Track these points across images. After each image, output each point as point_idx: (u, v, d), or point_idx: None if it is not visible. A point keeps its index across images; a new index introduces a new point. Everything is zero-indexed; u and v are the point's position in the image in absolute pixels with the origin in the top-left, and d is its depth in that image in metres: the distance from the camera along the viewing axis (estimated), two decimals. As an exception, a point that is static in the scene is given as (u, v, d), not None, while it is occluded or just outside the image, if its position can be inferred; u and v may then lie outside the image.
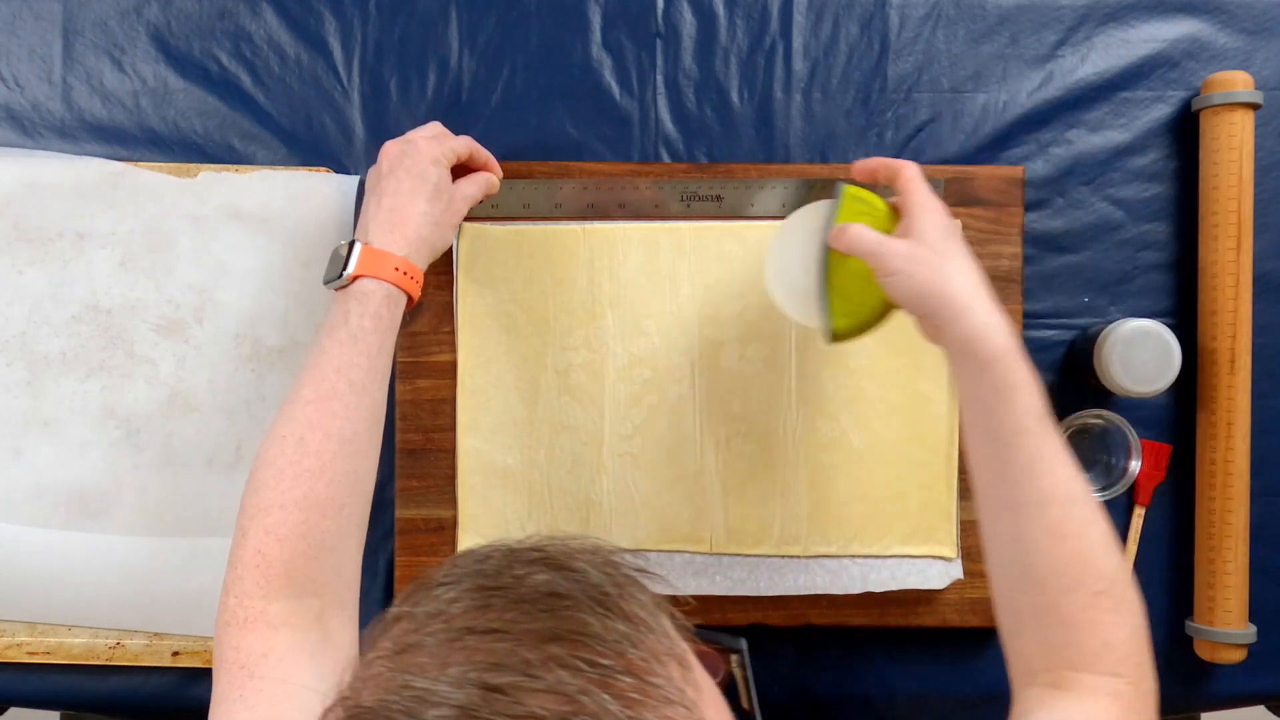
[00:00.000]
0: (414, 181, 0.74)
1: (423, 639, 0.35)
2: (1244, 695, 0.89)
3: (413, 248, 0.73)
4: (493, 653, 0.33)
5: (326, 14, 0.90)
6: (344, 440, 0.68)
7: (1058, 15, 0.89)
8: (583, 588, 0.36)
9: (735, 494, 0.85)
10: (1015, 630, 0.64)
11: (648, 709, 0.33)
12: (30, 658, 0.85)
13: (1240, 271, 0.84)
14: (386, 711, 0.33)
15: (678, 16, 0.89)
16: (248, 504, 0.68)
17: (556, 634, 0.34)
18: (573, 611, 0.35)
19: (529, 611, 0.35)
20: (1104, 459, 0.87)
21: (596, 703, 0.32)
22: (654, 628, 0.36)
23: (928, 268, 0.67)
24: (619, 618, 0.35)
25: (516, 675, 0.33)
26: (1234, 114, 0.84)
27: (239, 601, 0.64)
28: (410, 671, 0.34)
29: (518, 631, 0.34)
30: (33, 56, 0.90)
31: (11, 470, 0.86)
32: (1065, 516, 0.61)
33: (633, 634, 0.35)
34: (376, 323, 0.71)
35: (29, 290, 0.86)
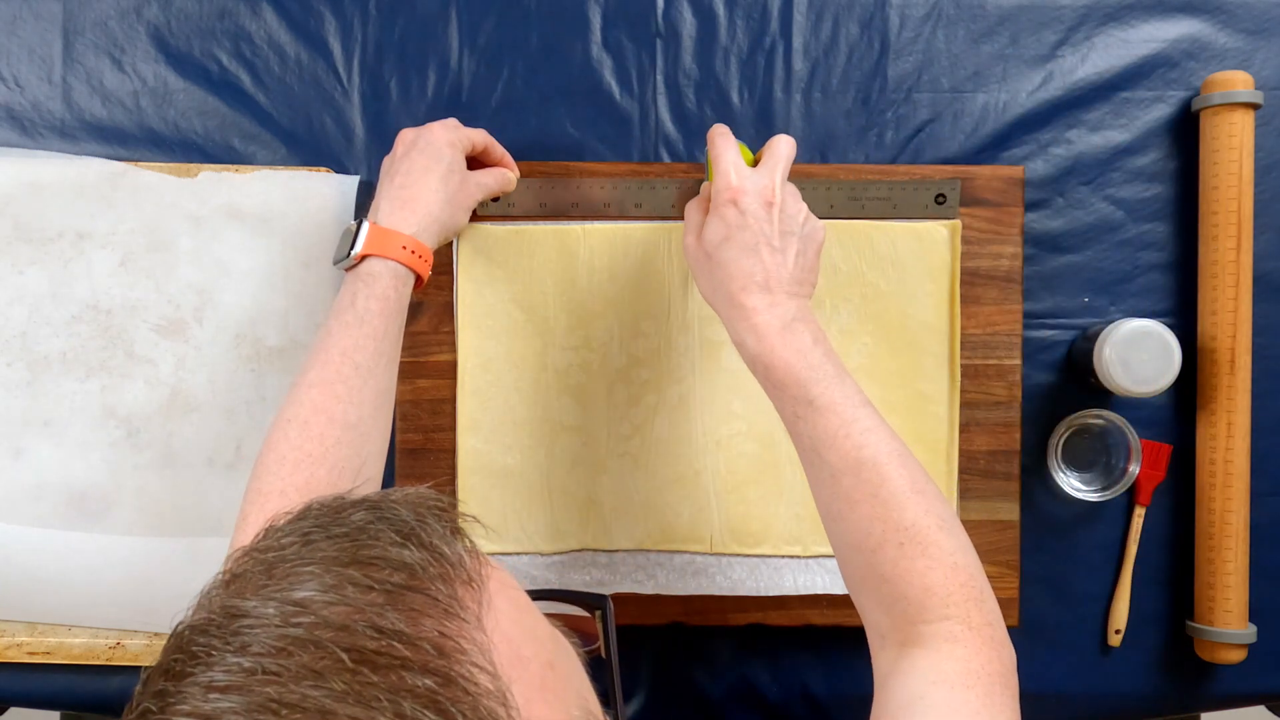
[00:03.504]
0: (427, 160, 0.76)
1: (249, 568, 0.40)
2: (1244, 695, 0.89)
3: (422, 226, 0.74)
4: (298, 575, 0.38)
5: (326, 14, 0.90)
6: (347, 425, 0.68)
7: (1058, 15, 0.89)
8: (389, 523, 0.41)
9: (735, 494, 0.85)
10: (856, 597, 0.66)
11: (428, 619, 0.37)
12: (30, 658, 0.85)
13: (1240, 271, 0.84)
14: (204, 626, 0.37)
15: (678, 16, 0.89)
16: (251, 488, 0.68)
17: (355, 559, 0.39)
18: (374, 542, 0.40)
19: (338, 544, 0.40)
20: (1104, 459, 0.87)
21: (380, 613, 0.37)
22: (447, 555, 0.40)
23: (702, 272, 0.71)
24: (416, 546, 0.40)
25: (313, 592, 0.37)
26: (1234, 114, 0.84)
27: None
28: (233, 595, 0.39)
29: (323, 559, 0.39)
30: (33, 56, 0.90)
31: (11, 470, 0.86)
32: (856, 482, 0.64)
33: (425, 559, 0.39)
34: (383, 305, 0.71)
35: (29, 290, 0.86)
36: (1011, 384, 0.86)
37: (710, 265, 0.70)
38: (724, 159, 0.72)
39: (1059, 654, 0.88)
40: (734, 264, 0.69)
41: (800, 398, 0.65)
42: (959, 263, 0.85)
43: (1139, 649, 0.88)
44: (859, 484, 0.64)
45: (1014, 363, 0.86)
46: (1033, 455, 0.87)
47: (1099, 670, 0.88)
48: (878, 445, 0.64)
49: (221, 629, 0.37)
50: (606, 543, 0.85)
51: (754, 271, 0.68)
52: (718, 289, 0.70)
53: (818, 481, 0.66)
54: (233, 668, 0.35)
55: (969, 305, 0.85)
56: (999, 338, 0.85)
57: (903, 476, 0.63)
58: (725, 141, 0.73)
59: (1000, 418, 0.85)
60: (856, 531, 0.64)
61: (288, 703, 0.34)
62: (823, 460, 0.65)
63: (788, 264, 0.69)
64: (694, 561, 0.85)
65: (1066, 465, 0.87)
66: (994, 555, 0.85)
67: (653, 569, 0.85)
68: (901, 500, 0.63)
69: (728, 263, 0.69)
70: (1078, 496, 0.86)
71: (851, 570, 0.66)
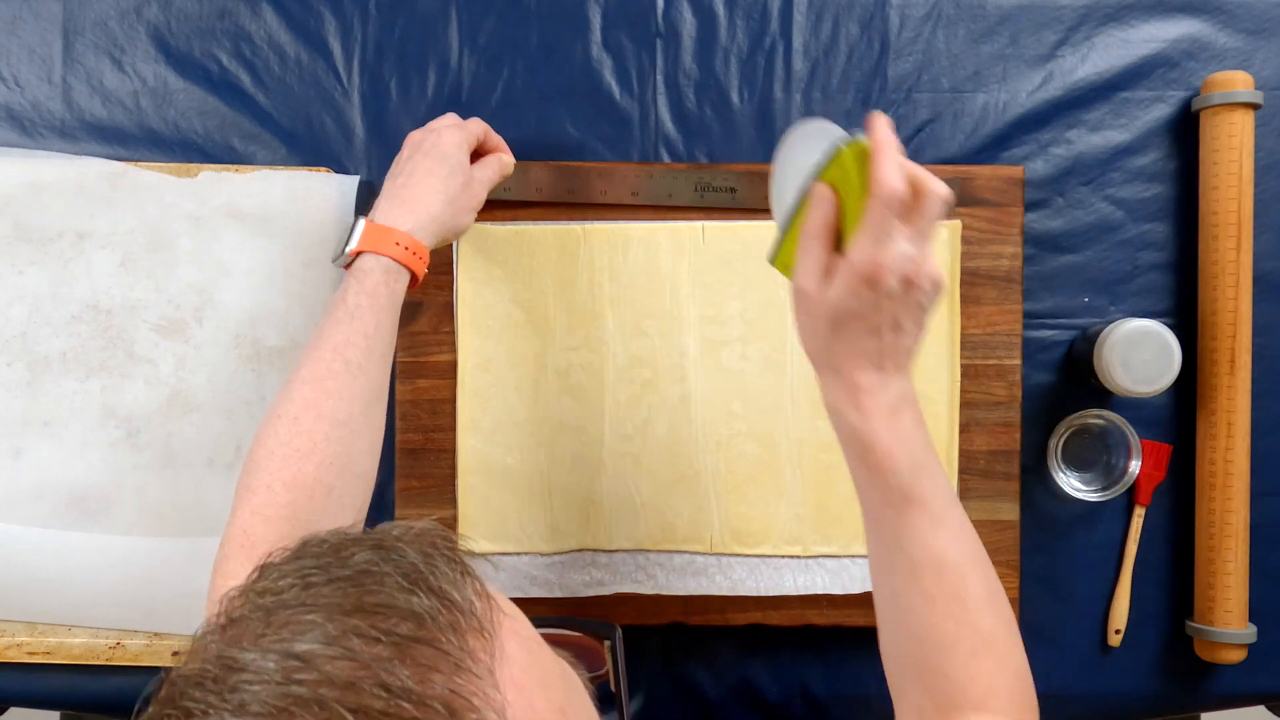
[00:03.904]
0: (431, 162, 0.76)
1: (246, 614, 0.38)
2: (1244, 695, 0.89)
3: (419, 224, 0.74)
4: (300, 625, 0.36)
5: (326, 14, 0.90)
6: (337, 421, 0.68)
7: (1058, 15, 0.89)
8: (395, 565, 0.39)
9: (735, 494, 0.85)
10: (900, 675, 0.65)
11: (439, 674, 0.36)
12: (30, 658, 0.85)
13: (1240, 271, 0.84)
14: (198, 679, 0.36)
15: (678, 16, 0.89)
16: (240, 484, 0.68)
17: (360, 607, 0.37)
18: (379, 587, 0.38)
19: (341, 588, 0.38)
20: (1104, 459, 0.87)
21: (388, 669, 0.35)
22: (457, 602, 0.38)
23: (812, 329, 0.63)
24: (424, 593, 0.38)
25: (316, 645, 0.35)
26: (1234, 114, 0.84)
27: (224, 581, 0.64)
28: (229, 644, 0.37)
29: (327, 605, 0.37)
30: (33, 56, 0.90)
31: (11, 470, 0.86)
32: (937, 580, 0.62)
33: (434, 607, 0.38)
34: (373, 300, 0.71)
35: (29, 290, 0.86)
36: (1011, 384, 0.86)
37: (827, 329, 0.62)
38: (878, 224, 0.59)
39: (1059, 654, 0.88)
40: (855, 341, 0.62)
41: (895, 486, 0.62)
42: (959, 263, 0.85)
43: (1139, 649, 0.88)
44: (940, 582, 0.62)
45: (1014, 363, 0.86)
46: (1033, 455, 0.87)
47: (1099, 670, 0.88)
48: (962, 548, 0.63)
49: (218, 683, 0.35)
50: (606, 543, 0.85)
51: (871, 350, 0.62)
52: (825, 353, 0.63)
53: (890, 568, 0.63)
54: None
55: (969, 305, 0.85)
56: (999, 338, 0.85)
57: (982, 582, 0.63)
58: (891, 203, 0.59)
59: (1000, 418, 0.85)
60: (926, 626, 0.62)
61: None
62: (903, 550, 0.62)
63: (906, 340, 0.63)
64: (694, 561, 0.85)
65: (1066, 465, 0.87)
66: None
67: (653, 569, 0.85)
68: (981, 606, 0.62)
69: (848, 337, 0.62)
70: (1078, 496, 0.86)
71: (903, 655, 0.64)
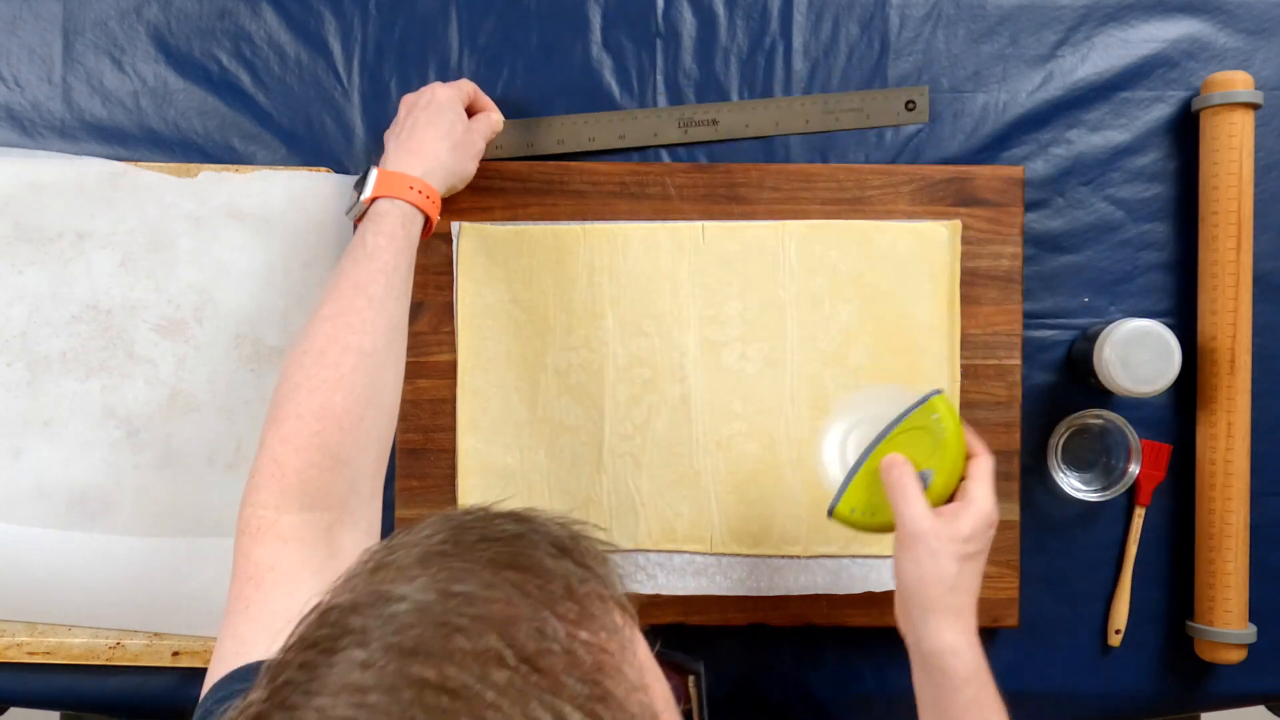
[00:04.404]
0: (430, 114, 0.79)
1: (397, 558, 0.39)
2: (1244, 695, 0.89)
3: (429, 169, 0.76)
4: (454, 571, 0.38)
5: (326, 14, 0.90)
6: (363, 353, 0.69)
7: (1058, 15, 0.89)
8: (543, 535, 0.41)
9: (735, 494, 0.85)
10: None
11: (584, 629, 0.37)
12: (30, 658, 0.85)
13: (1240, 271, 0.84)
14: (353, 607, 0.37)
15: (678, 16, 0.89)
16: (269, 417, 0.68)
17: (513, 564, 0.38)
18: (530, 550, 0.40)
19: (492, 547, 0.39)
20: (1104, 459, 0.87)
21: (542, 617, 0.37)
22: (602, 576, 0.40)
23: (923, 573, 0.67)
24: (571, 561, 0.40)
25: (473, 587, 0.37)
26: (1234, 114, 0.84)
27: (253, 511, 0.65)
28: (382, 582, 0.38)
29: (479, 559, 0.39)
30: (33, 56, 0.90)
31: (11, 470, 0.86)
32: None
33: (581, 573, 0.40)
34: (390, 240, 0.73)
35: (29, 290, 0.86)
36: (1011, 384, 0.86)
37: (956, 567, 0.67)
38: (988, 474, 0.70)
39: (1059, 654, 0.88)
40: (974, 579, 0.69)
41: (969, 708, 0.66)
42: (959, 263, 0.85)
43: (1139, 649, 0.88)
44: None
45: (1014, 363, 0.86)
46: (1033, 455, 0.87)
47: (1099, 670, 0.88)
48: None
49: (375, 609, 0.36)
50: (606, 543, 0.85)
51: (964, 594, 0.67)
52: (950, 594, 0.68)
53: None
54: (390, 646, 0.35)
55: (969, 305, 0.85)
56: (999, 338, 0.85)
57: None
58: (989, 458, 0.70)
59: (1000, 418, 0.85)
60: None
61: (447, 688, 0.33)
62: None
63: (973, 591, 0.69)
64: (694, 561, 0.85)
65: (1066, 465, 0.87)
66: (994, 555, 0.85)
67: (653, 569, 0.85)
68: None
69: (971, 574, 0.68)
70: (1078, 496, 0.86)
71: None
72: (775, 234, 0.85)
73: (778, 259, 0.85)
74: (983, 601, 0.84)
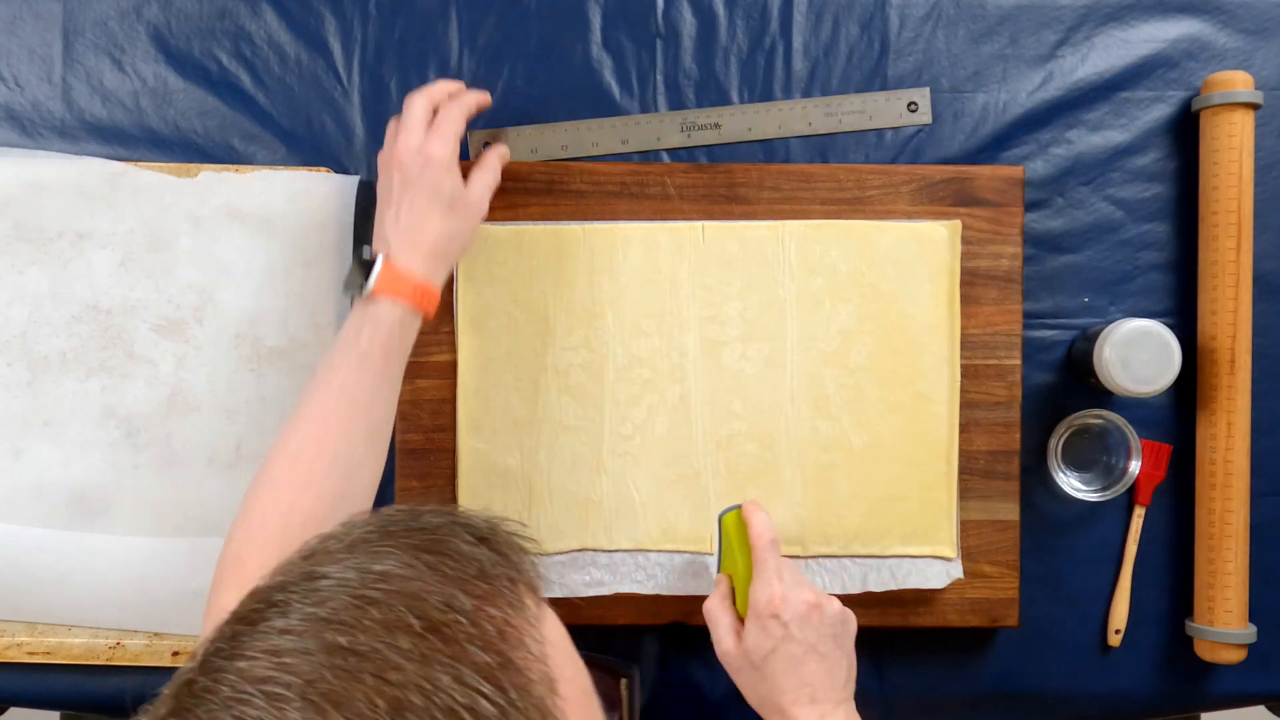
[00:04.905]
0: (427, 197, 0.74)
1: (327, 545, 0.43)
2: (1244, 695, 0.89)
3: (430, 267, 0.74)
4: (376, 554, 0.41)
5: (326, 14, 0.90)
6: (338, 457, 0.69)
7: (1058, 15, 0.89)
8: (464, 526, 0.44)
9: (735, 494, 0.85)
10: None
11: (494, 608, 0.40)
12: (30, 658, 0.85)
13: (1240, 271, 0.84)
14: (283, 585, 0.40)
15: (678, 16, 0.89)
16: (241, 502, 0.69)
17: (431, 548, 0.42)
18: (449, 537, 0.43)
19: (415, 535, 0.43)
20: (1104, 459, 0.87)
21: (451, 593, 0.40)
22: (515, 562, 0.44)
23: (743, 676, 0.73)
24: (487, 548, 0.43)
25: (390, 566, 0.40)
26: (1234, 114, 0.84)
27: (217, 607, 0.65)
28: (313, 564, 0.42)
29: (401, 545, 0.42)
30: (33, 56, 0.90)
31: (11, 470, 0.86)
32: None
33: (494, 558, 0.43)
34: (387, 344, 0.72)
35: (29, 290, 0.86)
36: (1011, 384, 0.86)
37: (757, 676, 0.72)
38: (767, 567, 0.73)
39: (1059, 654, 0.88)
40: (782, 677, 0.71)
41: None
42: (959, 263, 0.85)
43: (1139, 649, 0.88)
44: None
45: (1014, 363, 0.86)
46: (1033, 455, 0.87)
47: (1099, 670, 0.88)
48: None
49: (300, 586, 0.40)
50: (606, 543, 0.85)
51: (803, 685, 0.70)
52: (765, 699, 0.72)
53: None
54: (308, 616, 0.38)
55: (969, 305, 0.85)
56: (999, 338, 0.85)
57: None
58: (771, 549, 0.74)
59: (1000, 418, 0.85)
60: None
61: (356, 651, 0.37)
62: None
63: (835, 671, 0.71)
64: (694, 561, 0.85)
65: (1066, 465, 0.87)
66: (994, 555, 0.85)
67: (653, 569, 0.85)
68: None
69: (775, 675, 0.71)
70: (1078, 496, 0.86)
71: None
72: (775, 234, 0.85)
73: (778, 259, 0.85)
74: (984, 601, 0.85)
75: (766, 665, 0.71)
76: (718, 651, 0.74)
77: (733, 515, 0.78)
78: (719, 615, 0.75)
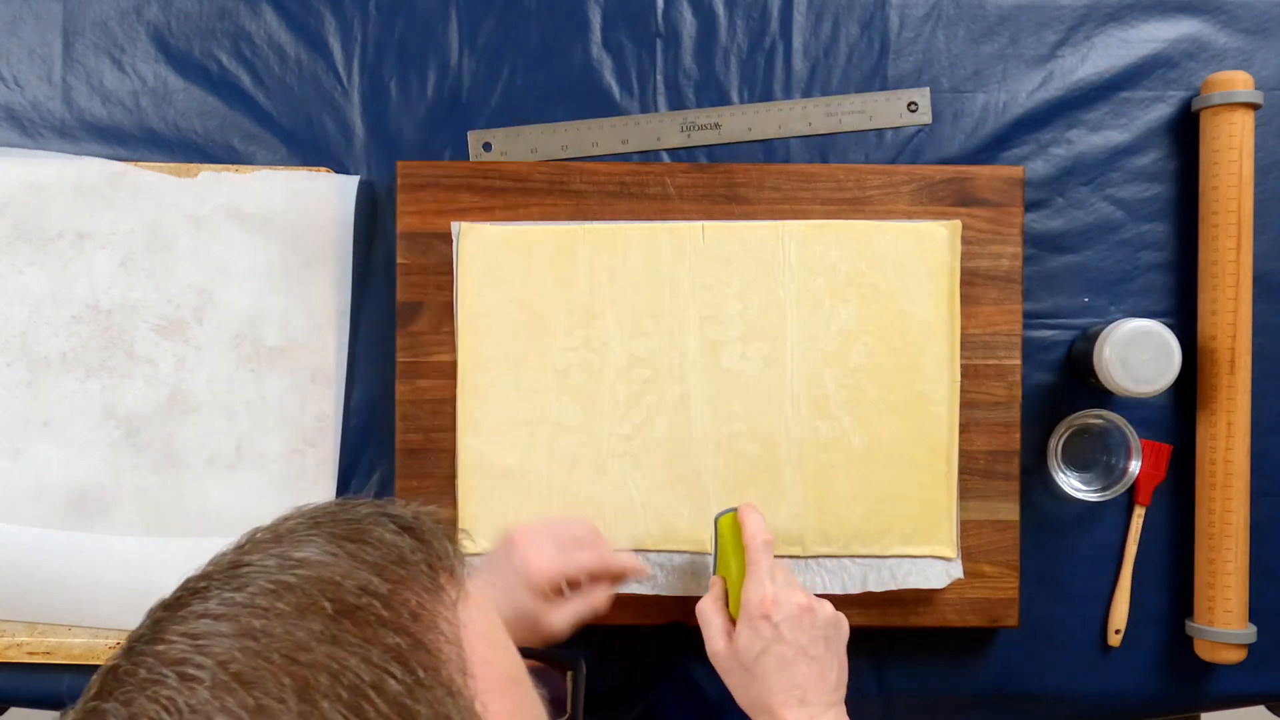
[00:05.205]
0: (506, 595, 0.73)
1: (261, 537, 0.44)
2: (1244, 695, 0.89)
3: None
4: (300, 542, 0.42)
5: (326, 14, 0.90)
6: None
7: (1058, 15, 0.89)
8: (389, 516, 0.45)
9: (735, 494, 0.85)
10: None
11: (409, 591, 0.41)
12: (30, 658, 0.85)
13: (1240, 271, 0.84)
14: (208, 573, 0.42)
15: (678, 16, 0.89)
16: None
17: (352, 536, 0.43)
18: (373, 526, 0.44)
19: (342, 526, 0.44)
20: (1104, 459, 0.87)
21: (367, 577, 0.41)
22: (436, 548, 0.44)
23: (734, 678, 0.73)
24: (408, 535, 0.44)
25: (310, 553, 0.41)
26: (1234, 114, 0.84)
27: None
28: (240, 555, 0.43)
29: (325, 534, 0.43)
30: (33, 56, 0.90)
31: (11, 470, 0.86)
32: None
33: (416, 546, 0.43)
34: None
35: (29, 290, 0.86)
36: (1011, 384, 0.86)
37: (747, 677, 0.72)
38: (760, 568, 0.73)
39: (1059, 654, 0.88)
40: (772, 678, 0.71)
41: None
42: (959, 263, 0.85)
43: (1139, 649, 0.88)
44: None
45: (1014, 363, 0.86)
46: (1033, 455, 0.87)
47: (1099, 670, 0.88)
48: None
49: (223, 574, 0.42)
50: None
51: (793, 687, 0.70)
52: (755, 701, 0.72)
53: None
54: (227, 601, 0.40)
55: (969, 305, 0.85)
56: (999, 338, 0.85)
57: None
58: (764, 550, 0.74)
59: (1000, 418, 0.85)
60: None
61: (270, 633, 0.38)
62: None
63: (826, 674, 0.72)
64: (694, 561, 0.85)
65: (1066, 465, 0.87)
66: (994, 555, 0.85)
67: (653, 569, 0.85)
68: None
69: (765, 676, 0.71)
70: (1078, 496, 0.86)
71: None
72: (775, 234, 0.85)
73: (778, 259, 0.85)
74: (984, 601, 0.85)
75: (757, 666, 0.71)
76: (709, 652, 0.75)
77: (728, 518, 0.78)
78: (711, 616, 0.76)
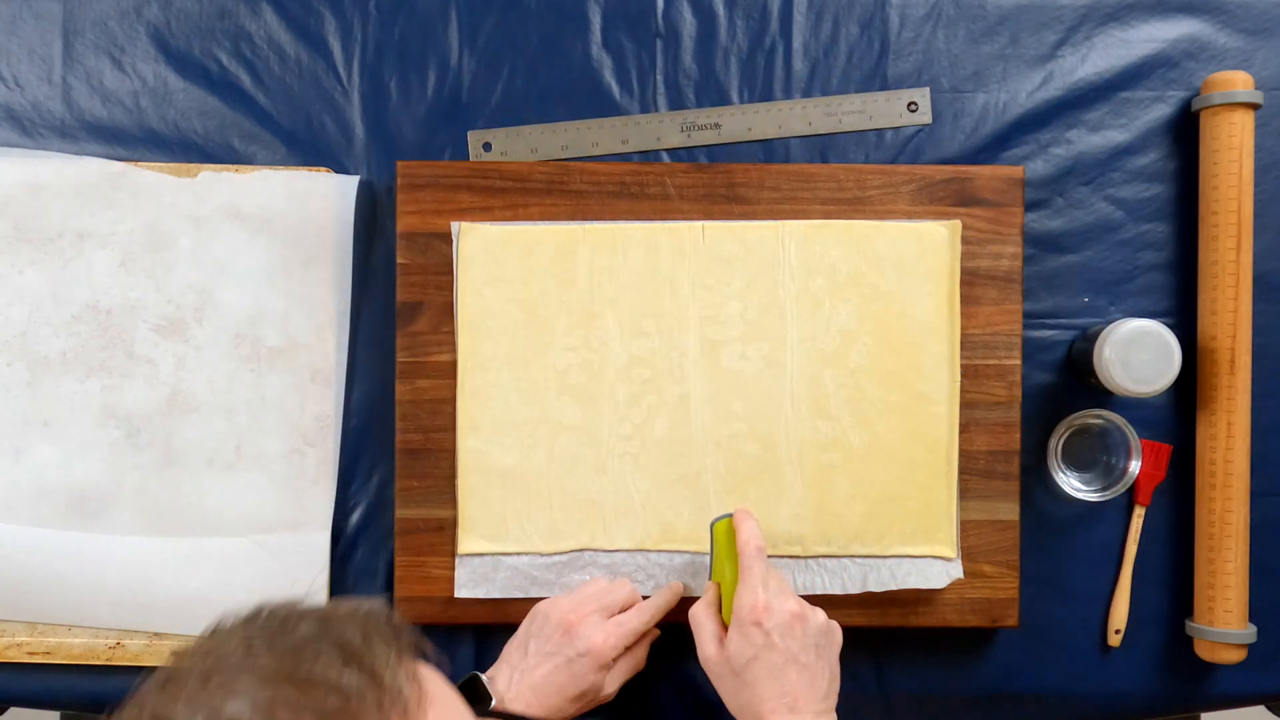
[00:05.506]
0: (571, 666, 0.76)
1: (182, 674, 0.40)
2: (1244, 695, 0.89)
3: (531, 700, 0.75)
4: (233, 688, 0.38)
5: (326, 14, 0.90)
6: None
7: (1058, 15, 0.89)
8: (334, 639, 0.41)
9: (735, 494, 0.85)
10: None
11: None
12: (30, 658, 0.85)
13: (1240, 271, 0.84)
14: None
15: (678, 16, 0.89)
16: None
17: (293, 676, 0.39)
18: (315, 660, 0.40)
19: (280, 656, 0.40)
20: (1104, 459, 0.87)
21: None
22: (386, 684, 0.40)
23: (724, 684, 0.73)
24: (356, 669, 0.40)
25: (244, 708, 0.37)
26: (1234, 114, 0.84)
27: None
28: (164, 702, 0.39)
29: (263, 672, 0.39)
30: (33, 56, 0.90)
31: (11, 470, 0.86)
32: None
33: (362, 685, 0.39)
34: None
35: (29, 290, 0.86)
36: (1011, 384, 0.86)
37: (737, 683, 0.72)
38: (752, 574, 0.73)
39: (1059, 654, 0.88)
40: (762, 685, 0.70)
41: None
42: (959, 263, 0.85)
43: (1139, 649, 0.88)
44: None
45: (1014, 363, 0.86)
46: (1033, 455, 0.87)
47: (1099, 670, 0.88)
48: None
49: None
50: (606, 543, 0.85)
51: (783, 694, 0.70)
52: (745, 707, 0.71)
53: None
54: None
55: (969, 305, 0.85)
56: (999, 338, 0.85)
57: None
58: (757, 556, 0.74)
59: (1000, 418, 0.85)
60: None
61: None
62: None
63: (816, 682, 0.71)
64: (694, 562, 0.85)
65: (1066, 465, 0.87)
66: (994, 555, 0.85)
67: (653, 569, 0.85)
68: None
69: (755, 683, 0.71)
70: (1078, 496, 0.86)
71: None
72: (775, 234, 0.85)
73: (778, 259, 0.85)
74: (984, 601, 0.85)
75: (747, 672, 0.71)
76: (700, 657, 0.75)
77: (724, 523, 0.78)
78: (703, 621, 0.75)
